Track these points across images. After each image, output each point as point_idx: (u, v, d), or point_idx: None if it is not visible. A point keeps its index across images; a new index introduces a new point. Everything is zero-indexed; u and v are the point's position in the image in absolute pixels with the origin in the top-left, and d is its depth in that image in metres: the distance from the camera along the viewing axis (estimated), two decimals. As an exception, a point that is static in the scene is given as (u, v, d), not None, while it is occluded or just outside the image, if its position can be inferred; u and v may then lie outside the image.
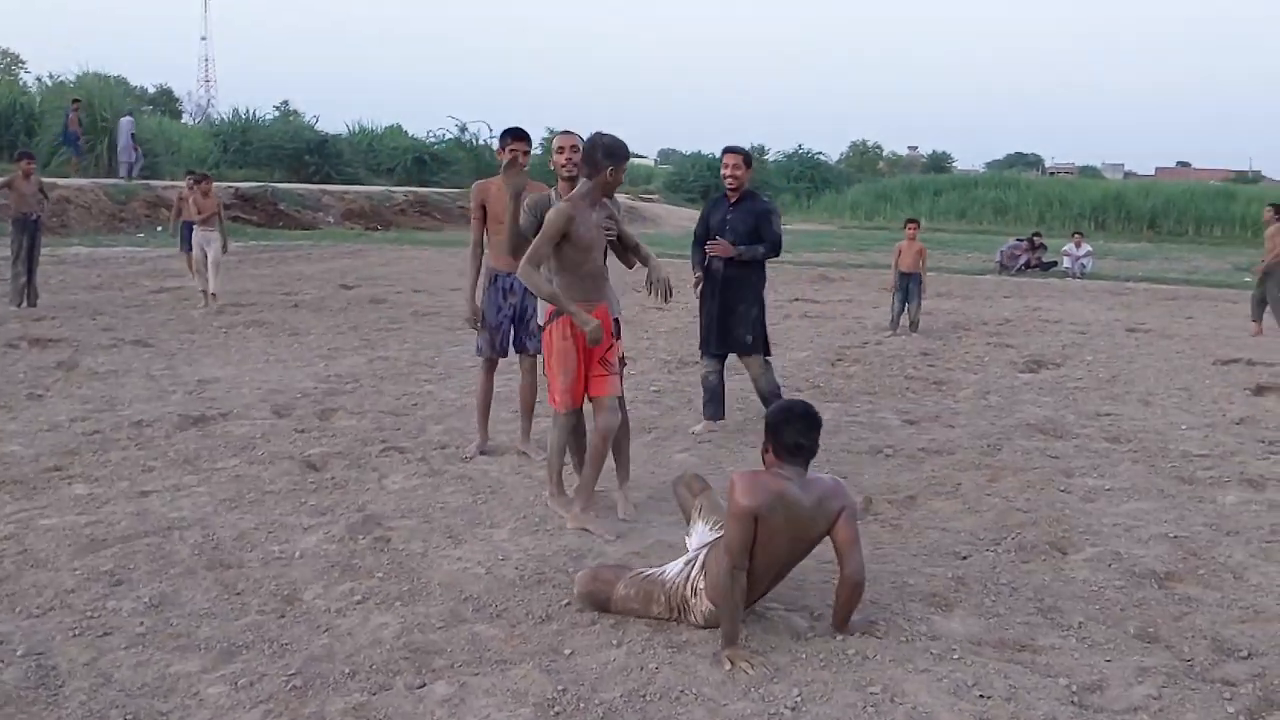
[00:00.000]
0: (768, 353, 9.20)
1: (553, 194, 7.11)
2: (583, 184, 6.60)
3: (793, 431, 5.04)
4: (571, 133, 7.27)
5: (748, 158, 9.05)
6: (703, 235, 9.06)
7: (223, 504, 6.78)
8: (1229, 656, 4.99)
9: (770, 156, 74.00)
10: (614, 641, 4.94)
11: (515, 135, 7.57)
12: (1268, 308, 16.83)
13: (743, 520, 4.83)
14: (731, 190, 8.92)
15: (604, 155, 6.49)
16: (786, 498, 4.91)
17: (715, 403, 9.19)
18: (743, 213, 8.88)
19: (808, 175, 69.23)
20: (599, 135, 6.56)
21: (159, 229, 28.35)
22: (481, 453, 8.15)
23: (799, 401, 5.35)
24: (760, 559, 4.93)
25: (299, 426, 8.78)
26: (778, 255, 9.15)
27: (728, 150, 9.02)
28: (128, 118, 35.10)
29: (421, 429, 8.85)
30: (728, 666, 4.71)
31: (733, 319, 8.94)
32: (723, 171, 8.96)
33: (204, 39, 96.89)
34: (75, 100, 35.04)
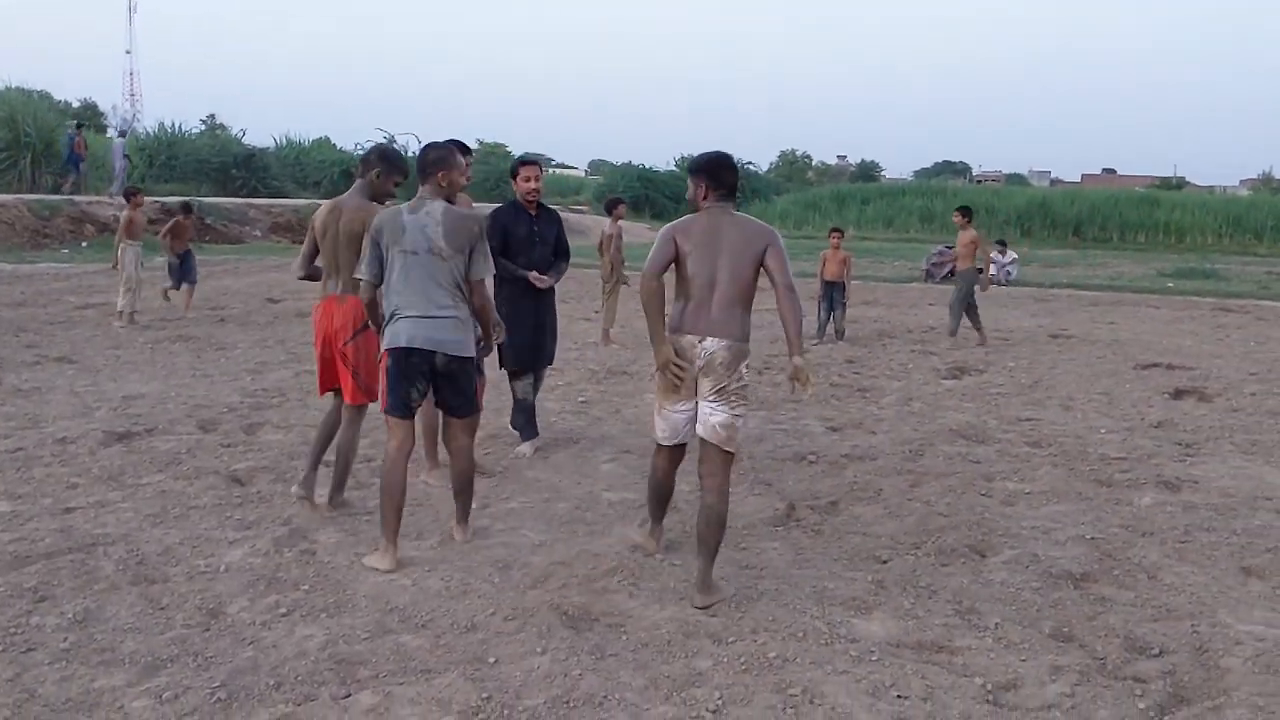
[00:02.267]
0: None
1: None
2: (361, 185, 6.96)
3: (727, 173, 5.87)
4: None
5: (542, 168, 9.15)
6: (501, 248, 8.46)
7: (147, 519, 6.75)
8: (1141, 654, 5.12)
9: (700, 166, 74.10)
10: (538, 649, 4.98)
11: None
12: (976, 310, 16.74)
13: (663, 239, 5.74)
14: (531, 203, 8.73)
15: (376, 159, 6.97)
16: (702, 218, 5.76)
17: (535, 421, 9.00)
18: (546, 223, 8.83)
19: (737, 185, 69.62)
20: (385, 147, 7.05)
21: (83, 245, 28.06)
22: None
23: (721, 152, 6.02)
24: (693, 268, 5.64)
25: (225, 441, 8.74)
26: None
27: (527, 162, 8.94)
28: (120, 139, 38.07)
29: (348, 442, 8.81)
30: (658, 379, 5.74)
31: (548, 334, 8.89)
32: (524, 185, 8.68)
33: (129, 52, 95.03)
34: (79, 125, 37.47)
